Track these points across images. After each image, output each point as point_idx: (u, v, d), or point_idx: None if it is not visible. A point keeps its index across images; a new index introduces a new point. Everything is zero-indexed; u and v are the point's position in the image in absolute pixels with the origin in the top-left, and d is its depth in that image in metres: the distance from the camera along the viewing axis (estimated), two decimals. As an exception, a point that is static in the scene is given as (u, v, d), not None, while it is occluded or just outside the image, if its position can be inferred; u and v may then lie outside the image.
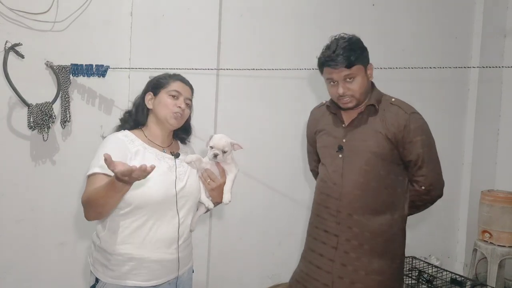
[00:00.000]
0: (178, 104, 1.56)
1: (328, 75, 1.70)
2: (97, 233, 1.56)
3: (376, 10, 3.16)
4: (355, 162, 1.71)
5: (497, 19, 3.66)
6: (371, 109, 1.73)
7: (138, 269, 1.49)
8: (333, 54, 1.64)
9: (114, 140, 1.53)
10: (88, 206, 1.41)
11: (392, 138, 1.67)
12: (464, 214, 3.64)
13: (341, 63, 1.63)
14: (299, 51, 2.83)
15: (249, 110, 2.75)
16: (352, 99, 1.69)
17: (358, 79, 1.67)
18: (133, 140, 1.55)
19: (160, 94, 1.58)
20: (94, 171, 1.43)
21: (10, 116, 2.11)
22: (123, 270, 1.48)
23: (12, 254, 2.17)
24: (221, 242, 2.70)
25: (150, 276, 1.51)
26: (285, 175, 2.89)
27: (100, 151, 1.46)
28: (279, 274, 2.90)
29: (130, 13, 2.39)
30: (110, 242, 1.49)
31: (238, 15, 2.68)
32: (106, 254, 1.50)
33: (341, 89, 1.66)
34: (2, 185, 2.13)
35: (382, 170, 1.69)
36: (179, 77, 1.64)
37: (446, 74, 3.23)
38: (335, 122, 1.81)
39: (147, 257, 1.49)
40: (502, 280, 3.20)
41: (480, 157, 3.63)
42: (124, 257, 1.48)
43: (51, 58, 2.16)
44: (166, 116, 1.56)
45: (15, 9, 2.06)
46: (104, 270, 1.50)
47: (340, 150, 1.74)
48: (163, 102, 1.57)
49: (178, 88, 1.59)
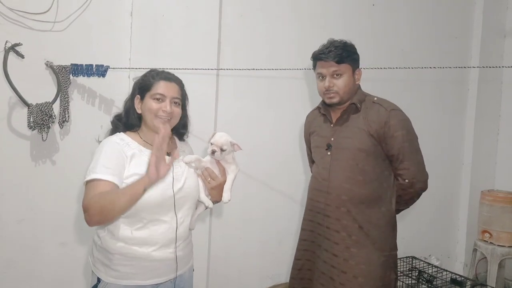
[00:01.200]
0: (163, 108, 1.52)
1: (318, 69, 1.85)
2: (98, 233, 1.56)
3: (376, 10, 3.16)
4: (341, 159, 1.83)
5: (497, 19, 3.66)
6: (353, 108, 1.85)
7: (139, 268, 1.49)
8: (326, 50, 1.81)
9: (110, 145, 1.50)
10: (94, 212, 1.37)
11: (374, 134, 1.78)
12: (464, 214, 3.64)
13: (332, 58, 1.78)
14: (299, 51, 2.83)
15: (249, 110, 2.75)
16: (336, 95, 1.82)
17: (345, 77, 1.81)
18: (129, 143, 1.53)
19: (145, 98, 1.54)
20: (95, 177, 1.41)
21: (10, 116, 2.11)
22: (124, 269, 1.48)
23: (12, 254, 2.17)
24: (221, 242, 2.70)
25: (152, 275, 1.51)
26: (285, 175, 2.89)
27: (97, 156, 1.46)
28: (279, 274, 2.90)
29: (130, 13, 2.39)
30: (111, 242, 1.49)
31: (238, 15, 2.68)
32: (107, 253, 1.50)
33: (327, 82, 1.81)
34: (2, 185, 2.13)
35: (367, 165, 1.79)
36: (163, 76, 1.57)
37: (446, 74, 3.23)
38: (325, 123, 1.94)
39: (148, 256, 1.49)
40: (502, 280, 3.20)
41: (480, 157, 3.63)
42: (125, 256, 1.48)
43: (51, 58, 2.16)
44: (153, 122, 1.53)
45: (15, 9, 2.06)
46: (106, 270, 1.50)
47: (329, 148, 1.87)
48: (148, 107, 1.53)
49: (161, 90, 1.53)
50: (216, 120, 2.60)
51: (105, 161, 1.44)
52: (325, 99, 1.87)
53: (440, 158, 3.41)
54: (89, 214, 1.38)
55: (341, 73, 1.80)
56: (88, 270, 2.33)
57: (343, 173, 1.81)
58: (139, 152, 1.52)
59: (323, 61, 1.81)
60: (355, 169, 1.79)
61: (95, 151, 1.52)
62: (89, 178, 1.42)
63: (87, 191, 1.42)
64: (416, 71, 2.65)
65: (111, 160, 1.45)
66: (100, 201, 1.36)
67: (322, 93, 1.87)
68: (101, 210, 1.36)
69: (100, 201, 1.36)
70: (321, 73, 1.83)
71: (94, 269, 1.55)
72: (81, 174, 2.29)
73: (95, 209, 1.37)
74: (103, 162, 1.44)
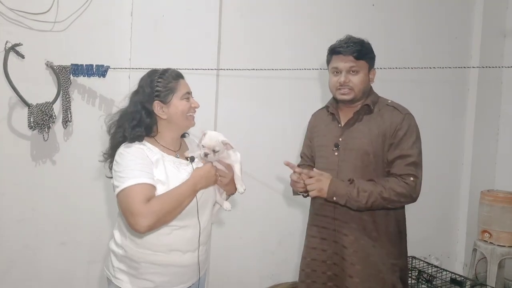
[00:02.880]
0: (193, 105, 1.53)
1: (334, 63, 1.77)
2: (118, 243, 1.51)
3: (376, 10, 3.16)
4: (349, 159, 1.76)
5: (497, 19, 3.66)
6: (366, 109, 1.79)
7: (167, 275, 1.48)
8: (345, 44, 1.74)
9: (135, 151, 1.44)
10: (155, 216, 1.34)
11: (385, 136, 1.73)
12: (464, 214, 3.63)
13: (350, 53, 1.71)
14: (299, 51, 2.83)
15: (249, 110, 2.75)
16: (351, 92, 1.75)
17: (361, 75, 1.75)
18: (151, 148, 1.49)
19: (172, 101, 1.48)
20: (135, 182, 1.36)
21: (11, 116, 2.11)
22: (153, 277, 1.47)
23: (12, 254, 2.17)
24: (221, 242, 2.70)
25: (179, 280, 1.51)
26: (285, 175, 2.88)
27: (126, 163, 1.41)
28: (279, 274, 2.90)
29: (130, 13, 2.39)
30: (136, 250, 1.46)
31: (238, 15, 2.68)
32: (132, 262, 1.47)
33: (343, 78, 1.74)
34: (3, 185, 2.13)
35: (377, 167, 1.74)
36: (175, 74, 1.53)
37: (446, 74, 3.22)
38: (333, 122, 1.87)
39: (175, 262, 1.48)
40: (501, 280, 3.20)
41: (480, 157, 3.63)
42: (153, 263, 1.46)
43: (51, 58, 2.16)
44: (185, 122, 1.52)
45: (15, 9, 2.06)
46: (131, 280, 1.47)
47: (336, 148, 1.80)
48: (181, 109, 1.49)
49: (187, 88, 1.53)
50: (216, 120, 2.60)
51: (137, 166, 1.40)
52: (337, 95, 1.78)
53: (440, 158, 3.41)
54: (146, 219, 1.33)
55: (358, 69, 1.73)
56: (88, 270, 2.34)
57: (353, 174, 1.72)
58: (162, 157, 1.48)
59: (342, 54, 1.73)
60: (365, 171, 1.73)
61: (116, 159, 1.45)
62: (128, 185, 1.36)
63: (131, 198, 1.35)
64: (416, 71, 2.65)
65: (142, 164, 1.42)
66: (163, 207, 1.36)
67: (334, 89, 1.78)
68: (162, 216, 1.36)
69: (162, 207, 1.36)
70: (337, 67, 1.75)
71: (115, 280, 1.50)
72: (81, 174, 2.32)
73: (156, 215, 1.34)
74: (135, 166, 1.40)
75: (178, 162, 1.53)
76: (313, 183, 1.69)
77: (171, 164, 1.50)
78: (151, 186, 1.39)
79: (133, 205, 1.34)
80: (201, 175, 1.49)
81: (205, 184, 1.50)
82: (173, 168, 1.49)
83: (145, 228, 1.35)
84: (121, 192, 1.38)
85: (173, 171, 1.48)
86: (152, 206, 1.35)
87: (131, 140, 1.47)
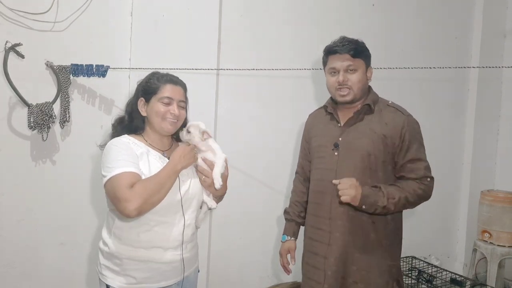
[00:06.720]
0: (171, 111, 1.53)
1: (331, 63, 1.77)
2: (104, 240, 1.54)
3: (376, 10, 3.16)
4: (349, 160, 1.75)
5: (497, 19, 3.66)
6: (367, 109, 1.78)
7: (148, 271, 1.49)
8: (340, 43, 1.75)
9: (121, 144, 1.50)
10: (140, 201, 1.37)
11: (387, 137, 1.71)
12: (464, 214, 3.64)
13: (347, 51, 1.72)
14: (299, 51, 2.83)
15: (249, 110, 2.75)
16: (350, 91, 1.74)
17: (359, 73, 1.75)
18: (136, 143, 1.54)
19: (152, 101, 1.54)
20: (121, 171, 1.40)
21: (10, 116, 2.11)
22: (134, 274, 1.48)
23: (12, 254, 2.17)
24: (221, 242, 2.70)
25: (160, 278, 1.51)
26: (285, 175, 2.88)
27: (112, 154, 1.46)
28: (279, 274, 2.90)
29: (130, 13, 2.39)
30: (119, 247, 1.49)
31: (238, 15, 2.68)
32: (115, 259, 1.49)
33: (341, 77, 1.73)
34: (2, 185, 2.13)
35: (377, 168, 1.73)
36: (169, 78, 1.57)
37: (446, 74, 3.23)
38: (332, 122, 1.85)
39: (157, 259, 1.49)
40: (501, 280, 3.20)
41: (480, 157, 3.63)
42: (134, 260, 1.48)
43: (51, 58, 2.16)
44: (160, 125, 1.54)
45: (15, 9, 2.06)
46: (114, 276, 1.50)
47: (336, 148, 1.78)
48: (156, 110, 1.53)
49: (169, 93, 1.54)
50: (216, 120, 2.60)
51: (123, 156, 1.45)
52: (337, 96, 1.78)
53: (440, 158, 3.40)
54: (132, 203, 1.37)
55: (355, 68, 1.73)
56: (87, 270, 2.34)
57: (352, 175, 1.69)
58: (147, 151, 1.53)
59: (338, 54, 1.73)
60: (366, 171, 1.72)
61: (104, 152, 1.51)
62: (115, 173, 1.40)
63: (117, 185, 1.39)
64: (416, 71, 2.65)
65: (127, 155, 1.47)
66: (146, 189, 1.38)
67: (333, 89, 1.78)
68: (147, 197, 1.38)
69: (145, 189, 1.38)
70: (335, 67, 1.75)
71: (101, 276, 1.53)
72: (81, 174, 2.31)
73: (140, 197, 1.37)
74: (121, 157, 1.45)
75: (163, 160, 1.55)
76: (347, 188, 1.64)
77: (156, 158, 1.53)
78: (136, 174, 1.42)
79: (119, 192, 1.38)
80: (179, 154, 1.51)
81: (185, 162, 1.51)
82: (157, 162, 1.52)
83: (134, 212, 1.38)
84: (108, 181, 1.42)
85: (157, 165, 1.50)
86: (136, 190, 1.38)
87: (113, 134, 1.58)
